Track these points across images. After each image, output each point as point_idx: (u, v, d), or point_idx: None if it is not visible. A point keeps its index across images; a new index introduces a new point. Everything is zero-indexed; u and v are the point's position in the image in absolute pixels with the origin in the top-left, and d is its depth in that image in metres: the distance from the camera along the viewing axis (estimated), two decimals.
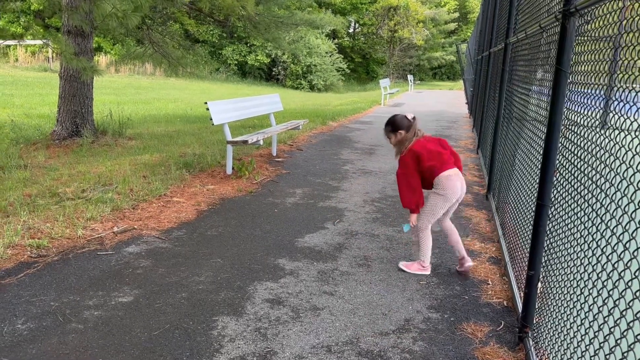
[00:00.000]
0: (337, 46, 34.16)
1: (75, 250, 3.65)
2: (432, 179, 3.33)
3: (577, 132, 2.11)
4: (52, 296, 2.95)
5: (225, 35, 29.58)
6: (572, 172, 2.14)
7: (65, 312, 2.77)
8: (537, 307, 2.51)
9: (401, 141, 3.35)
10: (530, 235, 2.57)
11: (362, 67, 40.64)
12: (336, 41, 35.10)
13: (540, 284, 2.50)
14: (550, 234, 2.43)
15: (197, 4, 10.34)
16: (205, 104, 5.89)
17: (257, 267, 3.47)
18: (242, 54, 29.43)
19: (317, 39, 30.09)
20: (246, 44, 29.43)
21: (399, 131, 3.33)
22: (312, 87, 29.91)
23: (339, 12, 35.32)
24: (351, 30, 41.64)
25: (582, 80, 2.09)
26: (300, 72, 29.75)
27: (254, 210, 4.81)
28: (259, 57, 29.12)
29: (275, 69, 30.53)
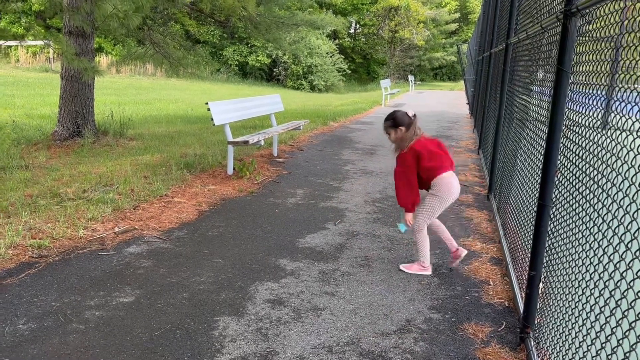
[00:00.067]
0: (338, 47, 34.18)
1: (76, 250, 3.65)
2: (430, 179, 3.32)
3: (579, 132, 2.11)
4: (53, 296, 2.95)
5: (226, 35, 29.61)
6: (574, 172, 2.14)
7: (66, 312, 2.78)
8: (538, 307, 2.51)
9: (401, 138, 3.32)
10: (531, 235, 2.57)
11: (362, 67, 40.66)
12: (337, 42, 35.12)
13: (541, 284, 2.50)
14: (551, 234, 2.43)
15: (198, 5, 10.36)
16: (206, 104, 5.90)
17: (258, 268, 3.47)
18: (243, 55, 29.46)
19: (317, 39, 30.10)
20: (247, 44, 29.46)
21: (400, 127, 3.30)
22: (312, 88, 29.92)
23: (340, 12, 35.34)
24: (352, 30, 41.64)
25: (584, 80, 2.09)
26: (301, 72, 29.76)
27: (255, 210, 4.81)
28: (259, 58, 29.15)
29: (276, 69, 30.55)
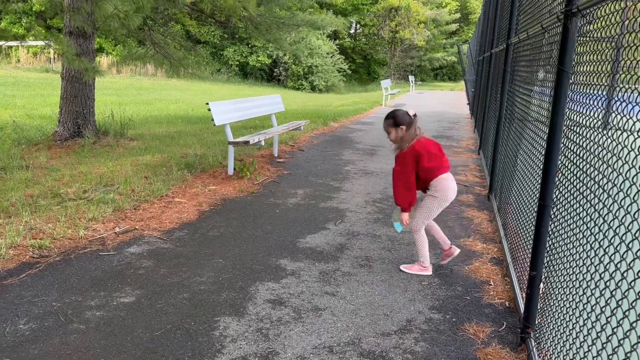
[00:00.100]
0: (339, 47, 34.17)
1: (77, 250, 3.65)
2: (428, 180, 3.32)
3: (579, 132, 2.11)
4: (54, 296, 2.95)
5: (226, 36, 29.62)
6: (574, 172, 2.14)
7: (67, 312, 2.78)
8: (539, 307, 2.51)
9: (401, 138, 3.32)
10: (532, 235, 2.57)
11: (363, 67, 40.65)
12: (337, 42, 35.11)
13: (542, 284, 2.50)
14: (552, 235, 2.43)
15: (199, 5, 10.37)
16: (206, 104, 5.90)
17: (259, 268, 3.47)
18: (244, 55, 29.46)
19: (318, 39, 30.10)
20: (247, 44, 29.46)
21: (401, 126, 3.29)
22: (313, 88, 29.92)
23: (340, 13, 35.34)
24: (352, 31, 41.64)
25: (584, 80, 2.09)
26: (301, 72, 29.76)
27: (255, 210, 4.81)
28: (260, 58, 29.15)
29: (276, 69, 30.56)
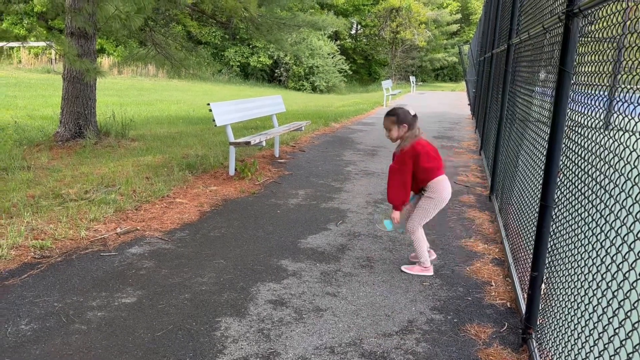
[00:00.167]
0: (339, 47, 34.17)
1: (78, 251, 3.66)
2: (426, 181, 3.32)
3: (581, 132, 2.10)
4: (55, 297, 2.96)
5: (227, 36, 29.64)
6: (576, 172, 2.13)
7: (68, 312, 2.78)
8: (540, 308, 2.51)
9: (402, 136, 3.31)
10: (533, 236, 2.57)
11: (364, 68, 40.65)
12: (338, 43, 35.11)
13: (543, 285, 2.50)
14: (553, 235, 2.43)
15: (200, 6, 10.38)
16: (207, 105, 5.91)
17: (260, 268, 3.47)
18: (245, 56, 29.48)
19: (319, 40, 30.11)
20: (248, 45, 29.48)
21: (403, 124, 3.29)
22: (314, 89, 29.93)
23: (341, 13, 35.36)
24: (353, 31, 41.63)
25: (586, 81, 2.09)
26: (302, 73, 29.77)
27: (256, 211, 4.81)
28: (261, 59, 29.17)
29: (277, 70, 30.56)
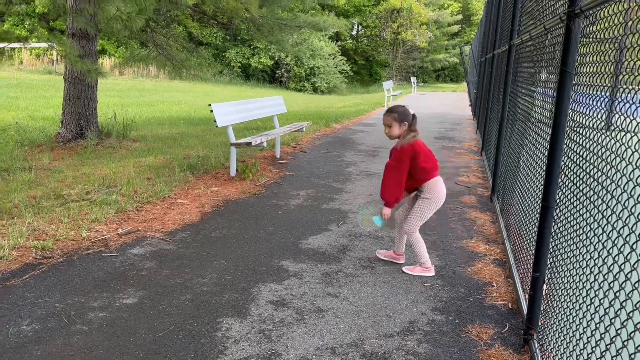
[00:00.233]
0: (340, 48, 34.19)
1: (79, 251, 3.66)
2: (422, 181, 3.33)
3: (582, 133, 2.10)
4: (56, 297, 2.96)
5: (228, 37, 29.66)
6: (577, 173, 2.13)
7: (70, 313, 2.78)
8: (542, 309, 2.51)
9: (402, 135, 3.31)
10: (535, 237, 2.56)
11: (365, 69, 40.65)
12: (339, 43, 35.12)
13: (545, 285, 2.49)
14: (555, 236, 2.42)
15: (201, 7, 10.39)
16: (209, 106, 5.91)
17: (261, 269, 3.47)
18: (246, 57, 29.50)
19: (320, 41, 30.13)
20: (250, 46, 29.50)
21: (404, 122, 3.28)
22: (315, 90, 29.94)
23: (342, 14, 35.37)
24: (354, 32, 41.64)
25: (587, 81, 2.08)
26: (303, 74, 29.79)
27: (257, 212, 4.81)
28: (262, 60, 29.19)
29: (278, 71, 30.58)
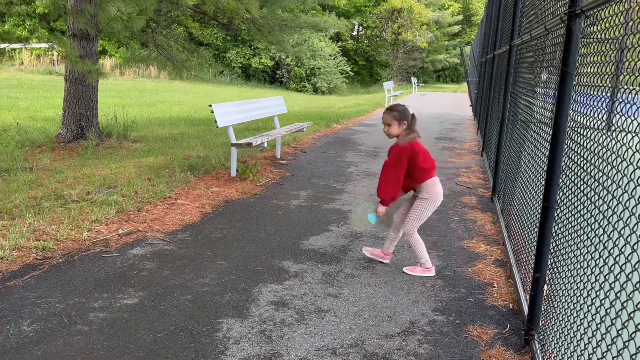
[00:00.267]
0: (341, 49, 34.21)
1: (80, 252, 3.66)
2: (419, 181, 3.32)
3: (583, 133, 2.10)
4: (57, 298, 2.96)
5: (229, 38, 29.68)
6: (578, 173, 2.13)
7: (70, 313, 2.78)
8: (543, 309, 2.50)
9: (401, 134, 3.30)
10: (536, 237, 2.56)
11: (365, 69, 40.66)
12: (340, 44, 35.14)
13: (546, 286, 2.49)
14: (556, 236, 2.42)
15: (202, 7, 10.39)
16: (209, 106, 5.91)
17: (262, 270, 3.47)
18: (246, 57, 29.52)
19: (320, 41, 30.15)
20: (250, 46, 29.52)
21: (404, 121, 3.27)
22: (315, 90, 29.96)
23: (343, 14, 35.38)
24: (355, 33, 41.65)
25: (588, 82, 2.08)
26: (304, 74, 29.80)
27: (258, 212, 4.81)
28: (262, 60, 29.21)
29: (279, 71, 30.59)
